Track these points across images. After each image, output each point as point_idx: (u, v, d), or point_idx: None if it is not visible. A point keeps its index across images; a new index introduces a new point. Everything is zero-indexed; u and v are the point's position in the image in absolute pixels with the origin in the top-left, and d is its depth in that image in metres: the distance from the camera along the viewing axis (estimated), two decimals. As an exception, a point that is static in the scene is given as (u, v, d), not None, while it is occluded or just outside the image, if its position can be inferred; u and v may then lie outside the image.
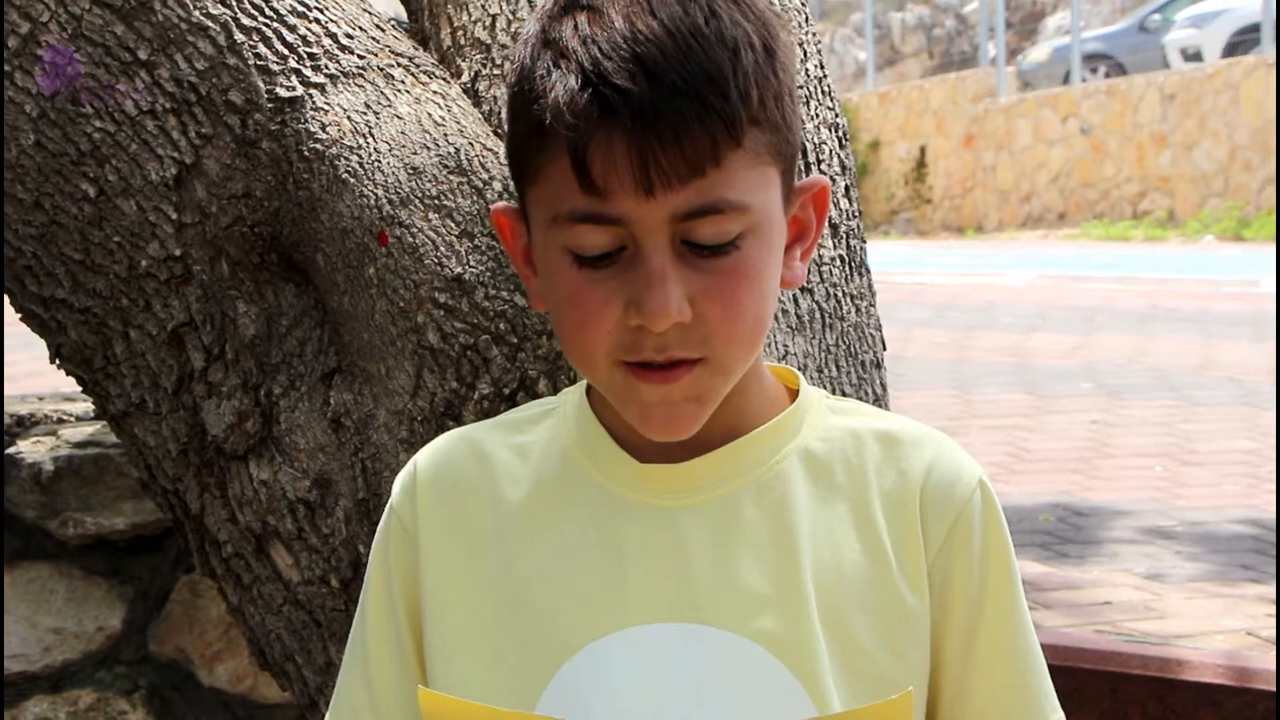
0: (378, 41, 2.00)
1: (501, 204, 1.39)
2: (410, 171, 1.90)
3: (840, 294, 2.03)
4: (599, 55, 1.22)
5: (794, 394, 1.39)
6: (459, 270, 1.87)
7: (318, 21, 1.97)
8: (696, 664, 1.30)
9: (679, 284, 1.24)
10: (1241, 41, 19.75)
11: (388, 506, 1.41)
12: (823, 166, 2.05)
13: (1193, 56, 20.45)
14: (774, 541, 1.32)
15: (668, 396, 1.27)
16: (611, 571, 1.32)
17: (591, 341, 1.27)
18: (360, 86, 1.95)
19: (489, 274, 1.87)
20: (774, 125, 1.27)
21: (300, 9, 1.97)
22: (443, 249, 1.88)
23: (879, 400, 2.08)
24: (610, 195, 1.23)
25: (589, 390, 1.38)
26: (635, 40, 1.22)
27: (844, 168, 2.09)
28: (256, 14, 1.94)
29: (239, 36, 1.93)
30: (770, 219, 1.28)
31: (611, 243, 1.25)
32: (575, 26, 1.24)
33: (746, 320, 1.27)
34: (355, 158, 1.91)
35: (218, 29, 1.93)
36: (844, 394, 2.00)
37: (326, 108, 1.93)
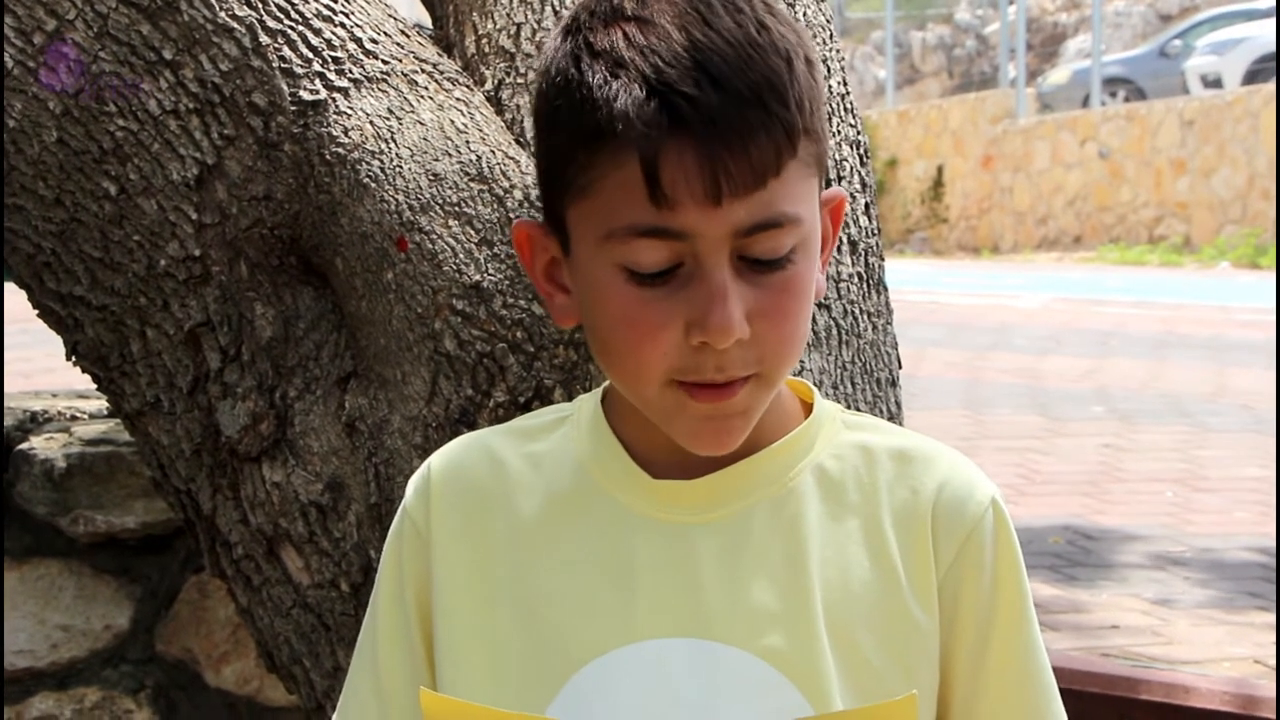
0: (402, 47, 2.00)
1: (524, 219, 1.38)
2: (431, 178, 1.90)
3: (858, 311, 2.03)
4: (661, 64, 1.21)
5: (808, 407, 1.38)
6: (477, 278, 1.87)
7: (343, 26, 1.98)
8: (704, 679, 1.29)
9: (740, 301, 1.24)
10: (1261, 69, 19.74)
11: (401, 508, 1.40)
12: (844, 183, 2.05)
13: (1213, 83, 20.44)
14: (784, 559, 1.32)
15: (721, 411, 1.27)
16: (621, 585, 1.32)
17: (647, 362, 1.26)
18: (384, 92, 1.96)
19: (507, 282, 1.87)
20: (818, 135, 1.27)
21: (326, 13, 1.97)
22: (462, 256, 1.88)
23: (893, 418, 2.08)
24: (678, 206, 1.22)
25: (604, 400, 1.38)
26: (696, 49, 1.21)
27: (864, 185, 2.09)
28: (282, 17, 1.94)
29: (264, 39, 1.94)
30: (815, 230, 1.29)
31: (669, 259, 1.24)
32: (627, 37, 1.23)
33: (797, 335, 1.28)
34: (377, 163, 1.91)
35: (243, 31, 1.93)
36: (859, 411, 2.00)
37: (349, 112, 1.94)
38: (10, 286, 2.53)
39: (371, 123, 1.93)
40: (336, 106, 1.94)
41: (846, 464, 1.35)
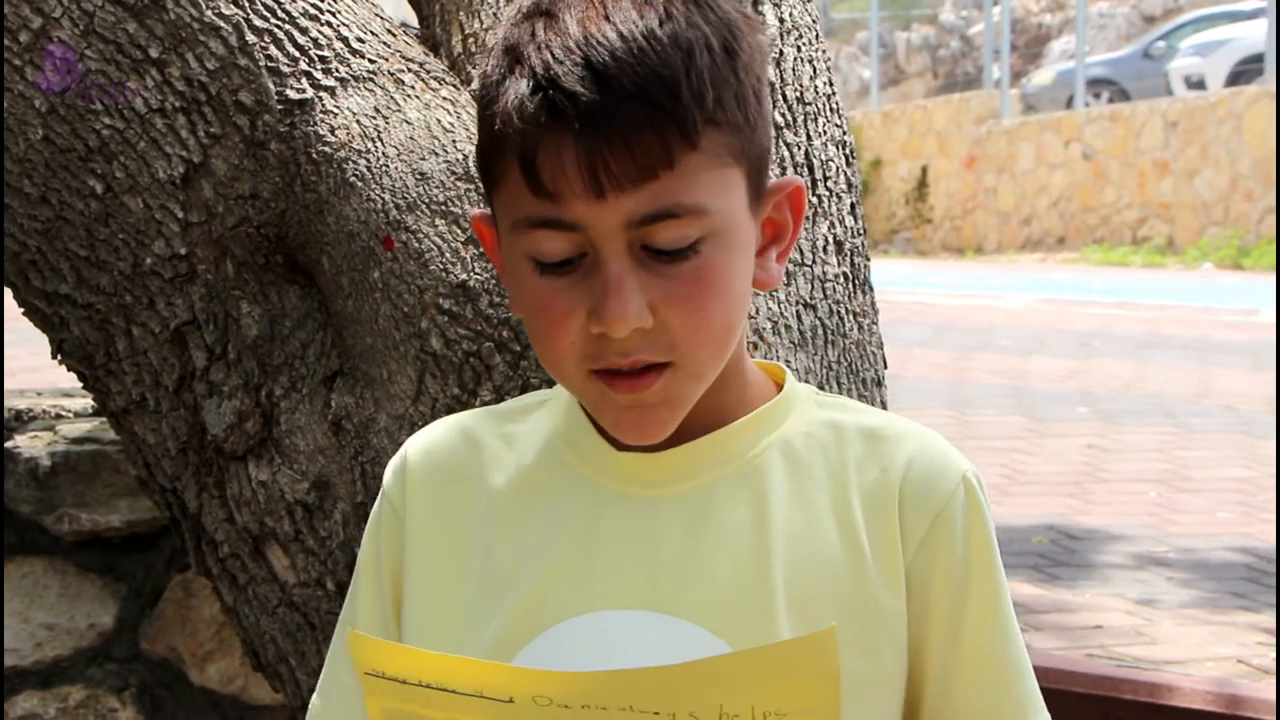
0: (389, 46, 2.01)
1: (480, 211, 1.39)
2: (418, 177, 1.90)
3: (843, 311, 2.04)
4: (550, 60, 1.22)
5: (780, 389, 1.38)
6: (464, 277, 1.87)
7: (329, 25, 1.98)
8: (655, 652, 1.29)
9: (638, 290, 1.23)
10: (1245, 71, 19.77)
11: (380, 491, 1.42)
12: (829, 183, 2.05)
13: (1196, 84, 20.47)
14: (748, 534, 1.31)
15: (640, 401, 1.27)
16: (581, 557, 1.32)
17: (558, 351, 1.27)
18: (370, 91, 1.96)
19: (493, 281, 1.87)
20: (735, 126, 1.26)
21: (312, 12, 1.97)
22: (448, 255, 1.88)
23: (879, 418, 2.08)
24: (562, 199, 1.23)
25: None
26: (588, 44, 1.22)
27: (850, 185, 2.10)
28: (269, 15, 1.94)
29: (250, 37, 1.93)
30: (733, 222, 1.27)
31: (571, 249, 1.25)
32: (533, 33, 1.25)
33: (712, 325, 1.26)
34: (363, 161, 1.91)
35: (230, 29, 1.93)
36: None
37: (336, 111, 1.94)
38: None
39: (358, 121, 1.93)
40: (323, 105, 1.94)
41: (815, 441, 1.34)
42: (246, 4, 1.94)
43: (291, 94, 1.94)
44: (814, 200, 2.03)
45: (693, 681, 1.22)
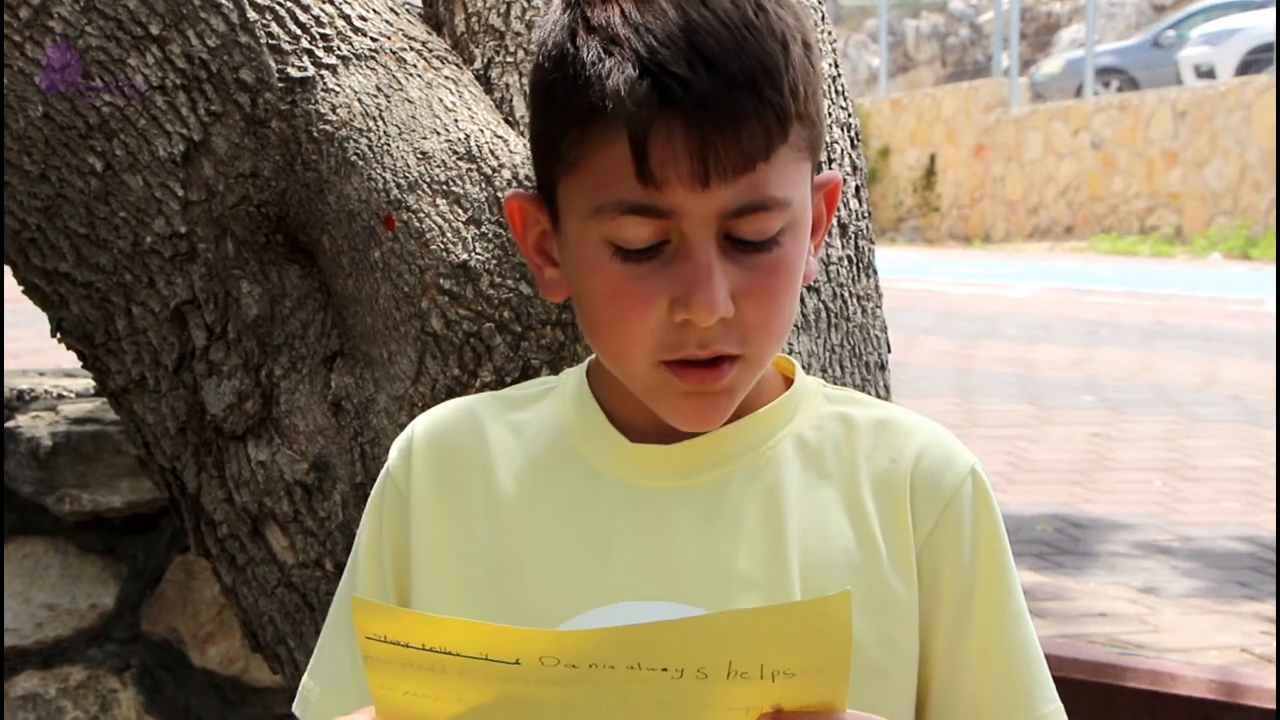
0: (391, 25, 2.00)
1: (517, 191, 1.38)
2: (419, 156, 1.89)
3: (847, 294, 2.03)
4: (655, 43, 1.21)
5: (790, 382, 1.38)
6: (465, 257, 1.86)
7: (331, 2, 1.97)
8: None
9: (725, 280, 1.24)
10: (1255, 60, 19.74)
11: (383, 469, 1.41)
12: (834, 166, 2.04)
13: (1206, 74, 20.44)
14: (762, 527, 1.32)
15: (706, 388, 1.27)
16: (597, 549, 1.32)
17: (632, 338, 1.27)
18: (372, 69, 1.95)
19: (495, 262, 1.86)
20: (812, 120, 1.27)
21: (314, -11, 1.96)
22: (449, 235, 1.87)
23: (882, 402, 2.07)
24: (665, 186, 1.22)
25: (590, 372, 1.38)
26: (691, 29, 1.21)
27: (855, 168, 2.09)
28: (270, -7, 1.94)
29: (252, 15, 1.93)
30: (806, 213, 1.29)
31: (655, 236, 1.25)
32: (623, 13, 1.23)
33: (783, 317, 1.28)
34: (365, 140, 1.90)
35: (231, 6, 1.92)
36: (847, 394, 1.99)
37: (337, 89, 1.93)
38: None
39: (359, 100, 1.92)
40: (324, 84, 1.93)
41: (826, 434, 1.35)
42: (248, -19, 1.93)
43: (293, 72, 1.93)
44: (818, 183, 2.02)
45: (703, 637, 1.21)
